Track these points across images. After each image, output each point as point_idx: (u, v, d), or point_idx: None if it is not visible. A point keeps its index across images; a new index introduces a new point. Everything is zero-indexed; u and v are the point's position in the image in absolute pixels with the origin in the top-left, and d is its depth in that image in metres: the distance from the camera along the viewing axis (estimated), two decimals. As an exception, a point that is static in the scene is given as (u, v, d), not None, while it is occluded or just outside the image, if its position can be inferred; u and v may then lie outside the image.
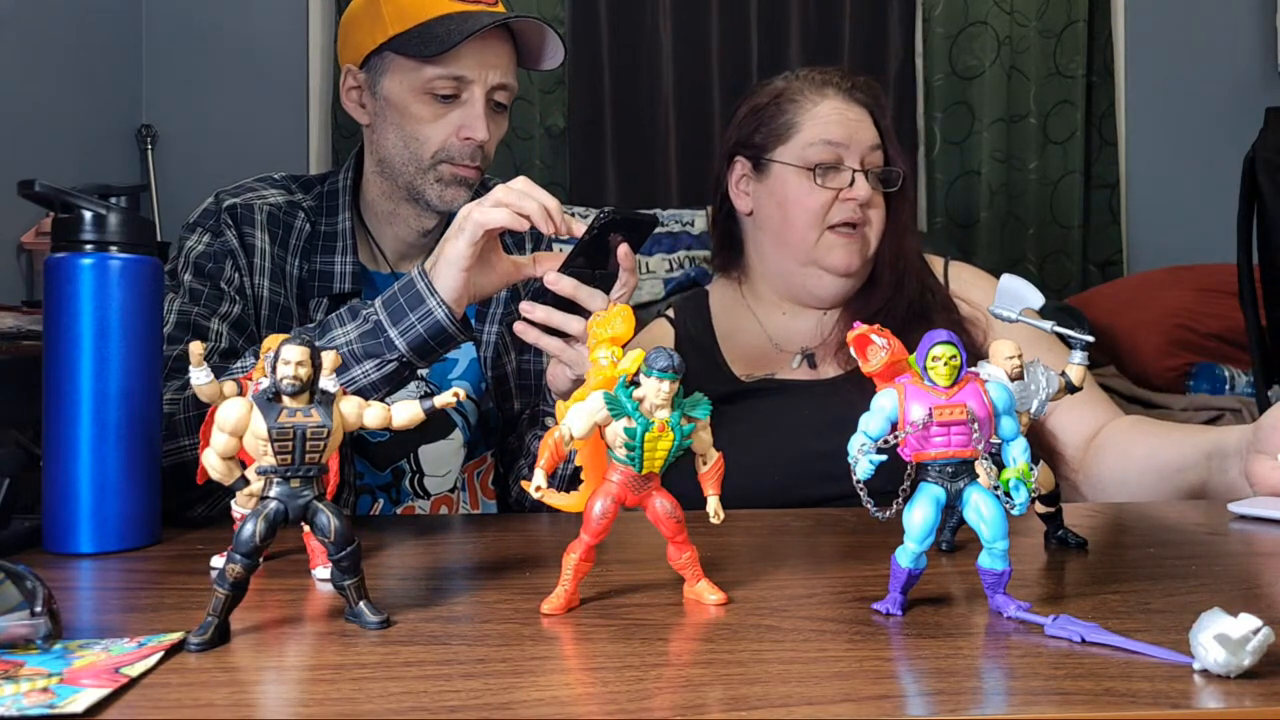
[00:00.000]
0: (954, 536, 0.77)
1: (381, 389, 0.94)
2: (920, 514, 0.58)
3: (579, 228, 0.95)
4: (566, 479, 1.03)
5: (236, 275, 1.12)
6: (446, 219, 1.24)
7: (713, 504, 0.62)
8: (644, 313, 1.60)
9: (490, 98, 1.15)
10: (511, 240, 1.31)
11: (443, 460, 1.23)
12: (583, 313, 0.96)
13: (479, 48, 1.12)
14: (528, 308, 0.97)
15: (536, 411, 1.19)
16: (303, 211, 1.19)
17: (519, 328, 0.98)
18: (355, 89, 1.19)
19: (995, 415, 0.58)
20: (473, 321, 1.26)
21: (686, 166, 2.78)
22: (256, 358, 0.96)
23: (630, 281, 0.98)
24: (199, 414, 0.93)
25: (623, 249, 0.97)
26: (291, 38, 2.83)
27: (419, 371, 1.20)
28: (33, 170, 0.87)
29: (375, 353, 0.93)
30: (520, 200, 0.92)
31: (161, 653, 0.52)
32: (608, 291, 0.97)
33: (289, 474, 0.57)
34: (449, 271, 0.92)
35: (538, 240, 1.35)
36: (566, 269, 0.96)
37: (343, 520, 0.57)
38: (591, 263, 0.97)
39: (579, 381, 0.62)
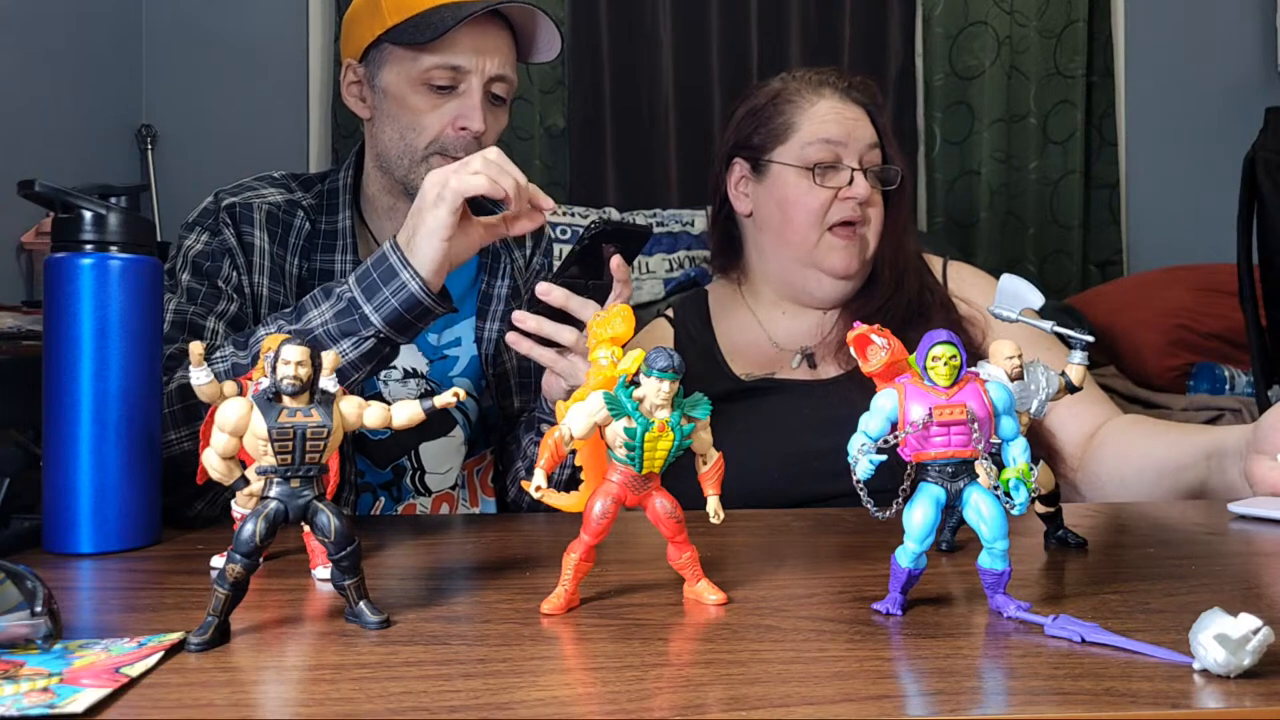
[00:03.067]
0: (954, 536, 0.77)
1: (362, 368, 0.94)
2: (920, 514, 0.58)
3: (546, 201, 0.95)
4: (564, 480, 1.03)
5: (234, 274, 1.12)
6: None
7: (713, 504, 0.62)
8: (644, 313, 1.60)
9: (488, 90, 1.14)
10: (513, 241, 1.31)
11: (444, 457, 1.23)
12: (575, 323, 0.96)
13: (475, 36, 1.12)
14: (520, 317, 0.97)
15: (532, 417, 1.19)
16: (302, 210, 1.19)
17: (511, 338, 0.98)
18: (355, 83, 1.20)
19: (995, 415, 0.58)
20: (473, 319, 1.26)
21: (686, 166, 2.77)
22: (235, 348, 0.96)
23: (624, 293, 0.98)
24: (184, 406, 0.93)
25: (615, 260, 0.96)
26: (291, 38, 2.83)
27: (419, 370, 1.20)
28: (33, 170, 0.86)
29: (351, 330, 0.92)
30: (499, 174, 0.92)
31: (161, 653, 0.52)
32: (601, 302, 0.97)
33: (289, 474, 0.57)
34: (430, 242, 0.92)
35: (538, 239, 1.35)
36: (559, 279, 0.96)
37: (343, 520, 0.57)
38: (585, 272, 0.97)
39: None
